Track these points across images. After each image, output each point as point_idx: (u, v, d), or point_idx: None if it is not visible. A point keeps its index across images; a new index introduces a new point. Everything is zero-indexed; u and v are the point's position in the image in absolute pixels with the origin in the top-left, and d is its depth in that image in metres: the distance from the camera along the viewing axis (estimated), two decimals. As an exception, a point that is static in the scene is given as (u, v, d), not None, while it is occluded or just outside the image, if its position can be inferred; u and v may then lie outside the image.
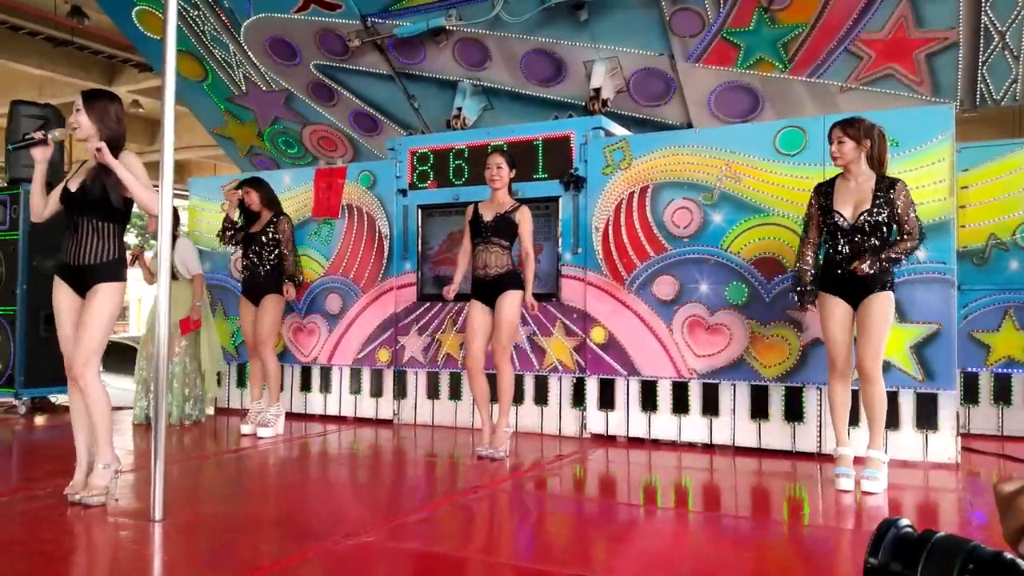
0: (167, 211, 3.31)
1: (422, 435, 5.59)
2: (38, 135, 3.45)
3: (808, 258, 4.07)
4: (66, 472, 3.62)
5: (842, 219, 3.85)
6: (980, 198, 5.42)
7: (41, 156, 3.44)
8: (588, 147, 5.42)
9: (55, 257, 3.53)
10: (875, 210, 3.79)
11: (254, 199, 5.47)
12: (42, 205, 3.51)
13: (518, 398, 5.52)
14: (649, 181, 5.20)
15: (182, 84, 7.44)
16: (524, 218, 4.67)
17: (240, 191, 5.49)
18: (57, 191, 3.53)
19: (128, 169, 3.42)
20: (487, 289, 4.65)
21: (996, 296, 5.36)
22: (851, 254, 3.85)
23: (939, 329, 4.43)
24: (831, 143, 3.91)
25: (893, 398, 4.38)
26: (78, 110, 3.47)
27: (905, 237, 3.81)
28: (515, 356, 5.50)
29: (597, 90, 6.21)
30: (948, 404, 4.44)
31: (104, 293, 3.42)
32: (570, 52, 6.39)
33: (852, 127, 3.87)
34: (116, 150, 3.45)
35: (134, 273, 6.17)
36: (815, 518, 3.57)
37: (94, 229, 3.45)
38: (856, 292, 3.85)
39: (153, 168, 4.03)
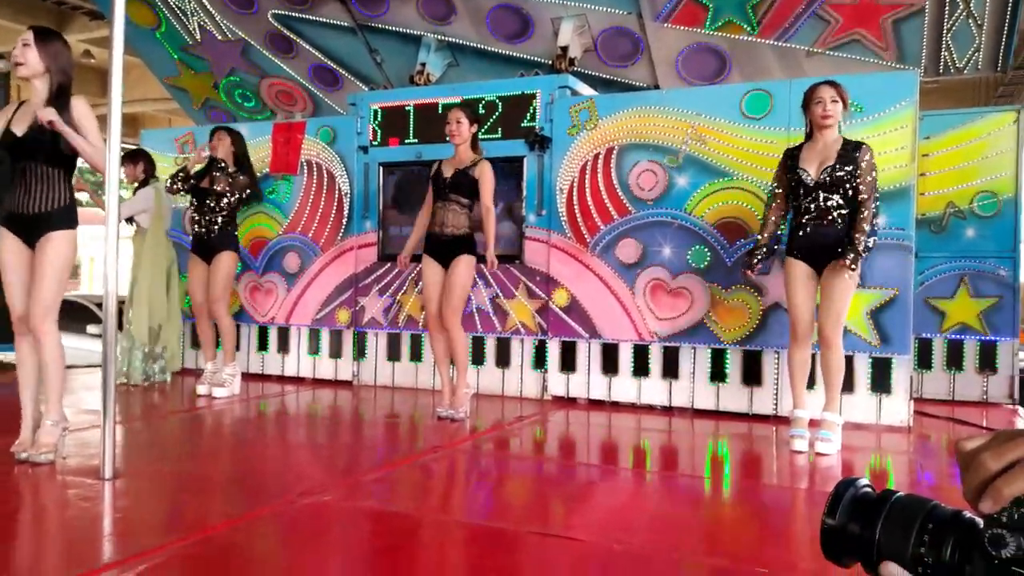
0: (114, 165, 3.16)
1: (382, 396, 5.54)
2: None
3: (770, 224, 4.10)
4: (12, 430, 3.50)
5: (807, 175, 3.87)
6: (940, 166, 5.47)
7: None
8: (554, 106, 5.33)
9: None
10: (838, 165, 3.81)
11: (222, 149, 5.25)
12: None
13: (479, 359, 5.49)
14: (615, 142, 5.14)
15: (133, 32, 7.14)
16: (483, 173, 4.55)
17: (210, 143, 5.28)
18: None
19: (80, 120, 3.24)
20: (442, 248, 4.56)
21: (952, 263, 5.44)
22: (816, 214, 3.87)
23: (896, 295, 4.48)
24: (820, 102, 3.85)
25: (849, 362, 4.44)
26: (27, 45, 3.22)
27: (860, 207, 3.78)
28: (477, 318, 5.46)
29: (564, 48, 6.10)
30: (902, 369, 4.52)
31: (58, 241, 3.28)
32: (537, 8, 6.25)
33: (841, 88, 3.88)
34: (66, 96, 3.27)
35: (90, 231, 6.00)
36: (770, 478, 3.61)
37: (43, 175, 3.28)
38: (821, 257, 3.87)
39: (102, 121, 3.85)
